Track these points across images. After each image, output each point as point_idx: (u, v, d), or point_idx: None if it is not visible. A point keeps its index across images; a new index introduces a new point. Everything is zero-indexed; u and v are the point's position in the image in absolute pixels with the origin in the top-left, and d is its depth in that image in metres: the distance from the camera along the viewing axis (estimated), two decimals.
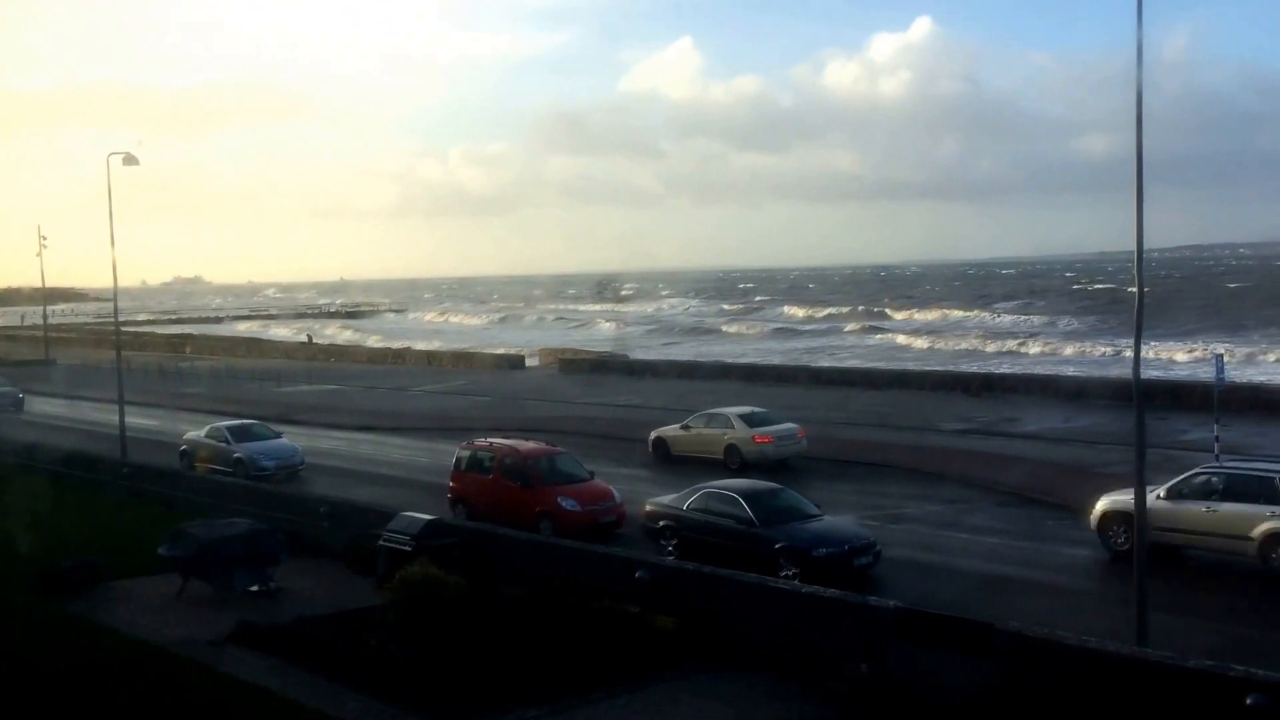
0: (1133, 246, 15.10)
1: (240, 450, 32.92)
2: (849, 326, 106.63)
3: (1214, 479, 20.37)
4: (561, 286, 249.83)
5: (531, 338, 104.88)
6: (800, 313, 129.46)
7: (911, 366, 63.65)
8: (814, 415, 39.67)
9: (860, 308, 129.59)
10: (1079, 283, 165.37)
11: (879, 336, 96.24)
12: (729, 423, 32.47)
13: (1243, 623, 17.59)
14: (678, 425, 33.87)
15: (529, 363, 68.64)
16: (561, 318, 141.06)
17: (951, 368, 62.02)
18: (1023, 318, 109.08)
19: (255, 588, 20.64)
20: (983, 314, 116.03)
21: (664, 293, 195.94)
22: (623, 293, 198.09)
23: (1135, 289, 15.52)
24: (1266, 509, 19.22)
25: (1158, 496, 19.82)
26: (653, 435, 34.32)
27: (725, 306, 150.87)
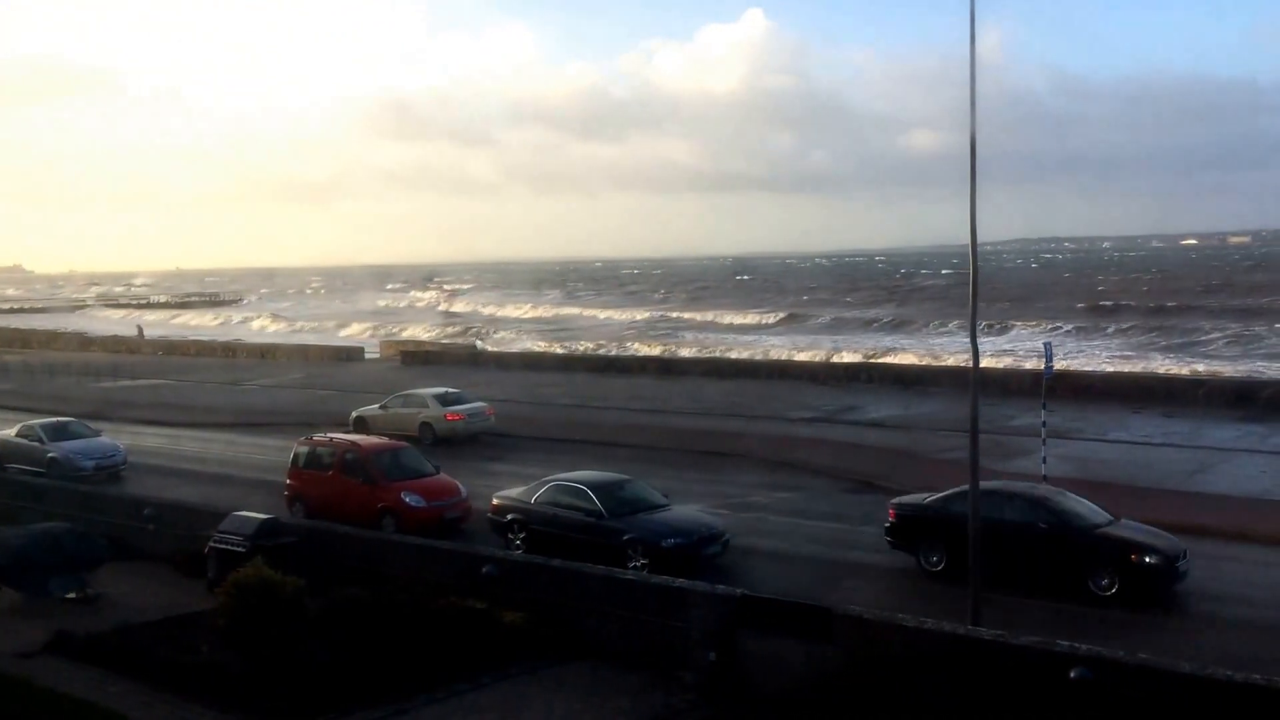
0: (967, 240, 15.54)
1: (55, 449, 30.92)
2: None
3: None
4: (376, 278, 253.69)
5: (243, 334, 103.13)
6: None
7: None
8: (672, 405, 40.05)
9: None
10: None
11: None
12: (424, 402, 34.73)
13: None
14: (377, 405, 35.74)
15: (369, 355, 67.72)
16: (277, 315, 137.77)
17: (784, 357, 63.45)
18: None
19: (72, 595, 19.48)
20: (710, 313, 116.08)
21: (430, 286, 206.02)
22: (388, 286, 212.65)
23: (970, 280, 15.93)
24: None
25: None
26: (354, 415, 35.66)
27: (444, 306, 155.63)
